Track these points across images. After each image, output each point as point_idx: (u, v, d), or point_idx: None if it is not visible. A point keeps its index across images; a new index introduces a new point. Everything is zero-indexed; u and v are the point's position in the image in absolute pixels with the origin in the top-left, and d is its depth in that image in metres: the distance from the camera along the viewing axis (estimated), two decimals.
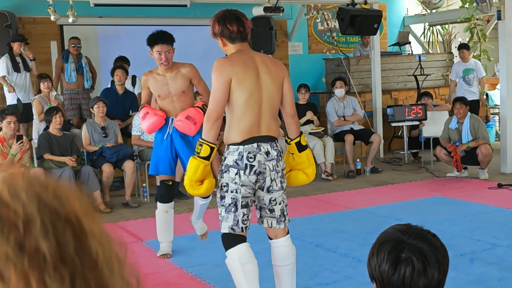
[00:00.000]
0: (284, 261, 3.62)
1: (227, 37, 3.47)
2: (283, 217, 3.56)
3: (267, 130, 3.44)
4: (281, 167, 3.52)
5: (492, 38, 11.21)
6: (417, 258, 1.61)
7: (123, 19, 9.61)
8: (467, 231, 5.53)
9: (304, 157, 3.66)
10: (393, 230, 1.71)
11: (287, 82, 3.56)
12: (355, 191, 7.77)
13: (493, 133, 11.04)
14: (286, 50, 10.96)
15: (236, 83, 3.36)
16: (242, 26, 3.49)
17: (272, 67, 3.50)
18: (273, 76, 3.46)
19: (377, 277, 1.66)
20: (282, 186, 3.53)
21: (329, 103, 9.20)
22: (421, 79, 10.25)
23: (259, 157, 3.41)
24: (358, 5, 9.18)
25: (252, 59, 3.45)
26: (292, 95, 3.59)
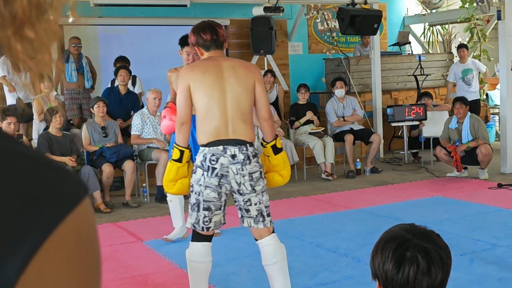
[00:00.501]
0: (272, 259, 3.65)
1: (202, 45, 3.64)
2: (261, 217, 3.59)
3: (235, 133, 3.50)
4: (249, 170, 3.51)
5: (492, 38, 11.21)
6: (422, 257, 1.61)
7: (123, 19, 9.61)
8: (467, 231, 5.53)
9: (280, 159, 3.72)
10: (398, 228, 1.70)
11: (259, 86, 3.58)
12: (355, 191, 7.78)
13: (493, 133, 11.04)
14: (286, 50, 10.96)
15: (194, 87, 3.51)
16: (215, 34, 3.62)
17: (241, 71, 3.57)
18: (240, 80, 3.53)
19: (380, 275, 1.65)
20: (254, 189, 3.54)
21: (329, 104, 9.20)
22: (421, 79, 10.26)
23: (222, 160, 3.47)
24: (358, 5, 9.18)
25: (217, 64, 3.56)
26: (265, 99, 3.60)
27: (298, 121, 8.96)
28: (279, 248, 3.65)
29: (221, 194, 3.53)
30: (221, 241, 5.36)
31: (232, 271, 3.87)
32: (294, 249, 5.22)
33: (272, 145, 3.68)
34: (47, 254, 0.55)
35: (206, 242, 3.62)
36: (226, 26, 10.25)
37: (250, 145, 3.54)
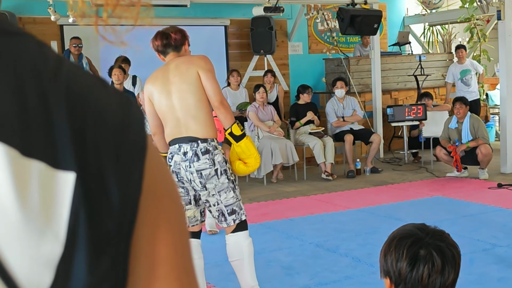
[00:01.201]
0: (230, 257, 3.74)
1: (157, 51, 3.77)
2: (223, 217, 3.62)
3: (187, 131, 3.56)
4: (196, 167, 3.53)
5: (492, 38, 11.21)
6: (436, 255, 1.61)
7: None
8: (467, 231, 5.53)
9: (243, 147, 3.71)
10: (411, 227, 1.70)
11: (203, 74, 3.57)
12: (355, 191, 7.78)
13: (493, 133, 11.04)
14: (286, 50, 10.95)
15: (151, 97, 3.66)
16: (165, 39, 3.71)
17: (183, 66, 3.61)
18: (183, 76, 3.58)
19: (393, 273, 1.64)
20: (205, 187, 3.56)
21: (329, 104, 9.20)
22: (421, 79, 10.26)
23: (176, 158, 3.57)
24: (358, 5, 9.18)
25: (165, 69, 3.67)
26: (212, 86, 3.58)
27: (298, 122, 8.96)
28: (237, 247, 3.68)
29: (185, 188, 3.60)
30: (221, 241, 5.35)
31: (232, 271, 3.87)
32: (294, 249, 5.22)
33: (229, 132, 3.69)
34: (149, 174, 0.57)
35: (192, 238, 3.64)
36: (226, 26, 10.25)
37: (202, 141, 3.55)
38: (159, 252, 0.56)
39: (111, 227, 0.52)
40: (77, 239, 0.50)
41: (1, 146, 0.48)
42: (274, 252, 5.13)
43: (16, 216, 0.47)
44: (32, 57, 0.55)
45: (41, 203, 0.48)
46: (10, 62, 0.52)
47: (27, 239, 0.48)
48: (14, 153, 0.48)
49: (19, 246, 0.47)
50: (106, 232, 0.52)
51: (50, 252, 0.48)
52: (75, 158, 0.51)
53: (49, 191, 0.49)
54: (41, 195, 0.48)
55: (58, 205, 0.49)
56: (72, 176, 0.50)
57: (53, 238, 0.49)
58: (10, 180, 0.47)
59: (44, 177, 0.49)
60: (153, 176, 0.58)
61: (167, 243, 0.57)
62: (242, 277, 3.75)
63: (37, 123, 0.50)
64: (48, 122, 0.51)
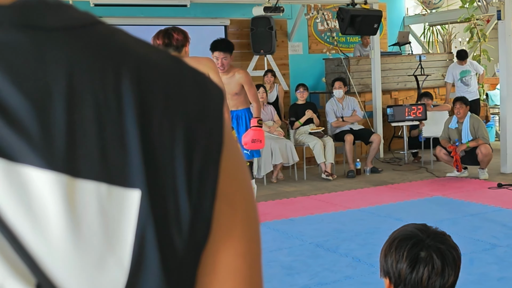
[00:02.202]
0: None
1: None
2: None
3: None
4: None
5: (492, 38, 11.21)
6: (436, 257, 1.61)
7: (123, 19, 9.60)
8: (467, 231, 5.53)
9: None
10: (412, 228, 1.69)
11: (214, 77, 3.60)
12: (355, 191, 7.77)
13: (493, 133, 11.04)
14: (286, 50, 10.95)
15: None
16: (167, 38, 3.72)
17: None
18: None
19: (392, 274, 1.64)
20: None
21: (328, 104, 9.21)
22: (421, 79, 10.26)
23: None
24: (358, 5, 9.18)
25: None
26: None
27: (298, 121, 8.96)
28: None
29: None
30: None
31: None
32: (294, 249, 5.22)
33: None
34: (225, 170, 0.50)
35: None
36: (226, 26, 10.25)
37: None
38: (226, 263, 0.50)
39: (181, 246, 0.46)
40: (144, 264, 0.44)
41: (50, 174, 0.42)
42: (274, 252, 5.13)
43: (69, 249, 0.42)
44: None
45: (100, 228, 0.43)
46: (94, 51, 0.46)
47: (84, 271, 0.42)
48: (64, 178, 0.42)
49: (76, 279, 0.42)
50: (176, 252, 0.46)
51: (114, 281, 0.43)
52: (141, 172, 0.45)
53: (110, 214, 0.43)
54: (100, 219, 0.43)
55: (121, 228, 0.44)
56: (137, 194, 0.44)
57: (116, 265, 0.43)
58: (60, 209, 0.42)
59: (102, 199, 0.43)
60: (229, 175, 0.51)
61: (237, 253, 0.50)
62: None
63: (108, 139, 0.45)
64: (119, 131, 0.45)
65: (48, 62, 0.44)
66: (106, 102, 0.45)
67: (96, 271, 0.43)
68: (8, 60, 0.43)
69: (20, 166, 0.42)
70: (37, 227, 0.42)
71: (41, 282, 0.42)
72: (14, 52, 0.43)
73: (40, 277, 0.42)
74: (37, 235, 0.42)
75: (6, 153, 0.42)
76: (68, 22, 0.46)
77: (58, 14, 0.46)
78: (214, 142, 0.49)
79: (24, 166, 0.42)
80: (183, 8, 9.06)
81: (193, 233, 0.47)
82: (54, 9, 0.46)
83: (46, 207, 0.42)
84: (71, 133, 0.43)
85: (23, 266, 0.42)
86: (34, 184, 0.42)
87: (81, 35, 0.46)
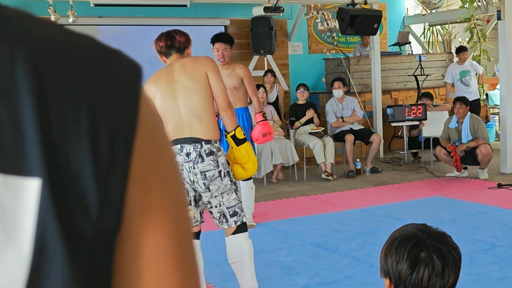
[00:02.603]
0: (231, 259, 3.74)
1: (160, 52, 3.74)
2: (224, 218, 3.61)
3: (191, 131, 3.52)
4: (201, 168, 3.50)
5: (492, 38, 11.21)
6: (437, 258, 1.61)
7: (123, 19, 9.61)
8: (467, 231, 5.53)
9: (243, 151, 3.70)
10: (412, 228, 1.69)
11: (212, 75, 3.56)
12: (355, 191, 7.78)
13: (493, 133, 11.04)
14: (286, 50, 10.95)
15: (153, 96, 3.58)
16: (170, 40, 3.70)
17: (189, 65, 3.59)
18: (189, 75, 3.55)
19: (392, 274, 1.64)
20: (208, 188, 3.54)
21: (328, 104, 9.21)
22: (421, 79, 10.26)
23: (178, 158, 3.50)
24: (358, 5, 9.18)
25: (169, 69, 3.63)
26: (220, 87, 3.57)
27: (298, 121, 8.96)
28: (237, 249, 3.68)
29: (185, 189, 3.57)
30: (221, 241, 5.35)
31: (232, 271, 3.87)
32: (294, 249, 5.22)
33: (232, 135, 3.68)
34: (141, 150, 0.48)
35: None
36: (226, 26, 10.25)
37: (206, 142, 3.52)
38: (152, 245, 0.48)
39: (90, 232, 0.44)
40: (47, 254, 0.42)
41: None
42: (274, 252, 5.13)
43: None
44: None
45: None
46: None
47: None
48: None
49: None
50: (84, 239, 0.44)
51: (13, 272, 0.42)
52: (40, 159, 0.43)
53: (5, 205, 0.41)
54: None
55: (18, 219, 0.42)
56: (37, 183, 0.42)
57: (15, 257, 0.41)
58: None
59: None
60: (146, 156, 0.48)
61: (162, 233, 0.49)
62: (243, 278, 3.75)
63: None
64: (13, 118, 0.43)
65: None
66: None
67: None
68: None
69: None
70: None
71: None
72: None
73: None
74: None
75: None
76: None
77: None
78: (125, 121, 0.47)
79: None
80: (183, 8, 9.06)
81: (103, 218, 0.45)
82: None
83: None
84: None
85: None
86: None
87: None
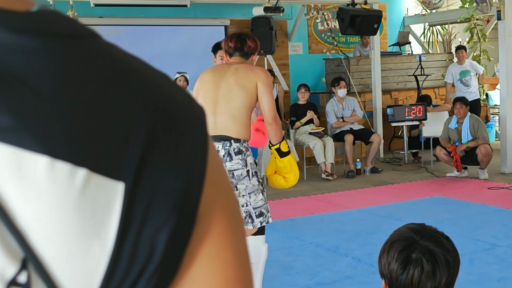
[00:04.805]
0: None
1: (227, 51, 3.78)
2: (250, 218, 3.63)
3: (222, 129, 3.52)
4: (229, 167, 3.51)
5: (492, 38, 11.21)
6: (427, 260, 1.61)
7: (123, 19, 9.61)
8: (467, 231, 5.53)
9: (286, 163, 3.75)
10: (407, 229, 1.70)
11: (261, 87, 3.57)
12: (355, 191, 7.78)
13: (493, 133, 11.04)
14: (286, 50, 10.95)
15: (200, 86, 3.64)
16: (240, 43, 3.74)
17: (242, 71, 3.62)
18: (238, 78, 3.58)
19: (386, 275, 1.66)
20: (236, 187, 3.55)
21: (328, 104, 9.21)
22: (421, 79, 10.26)
23: None
24: (358, 5, 9.18)
25: (227, 67, 3.67)
26: (267, 101, 3.58)
27: (299, 121, 8.96)
28: (256, 251, 3.68)
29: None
30: None
31: None
32: (294, 249, 5.22)
33: (276, 148, 3.70)
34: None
35: None
36: (226, 26, 10.26)
37: (235, 141, 3.53)
38: (220, 255, 0.51)
39: (164, 238, 0.48)
40: (123, 253, 0.46)
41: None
42: (274, 252, 5.13)
43: (58, 225, 0.45)
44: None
45: (89, 212, 0.46)
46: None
47: (70, 250, 0.45)
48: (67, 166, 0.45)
49: (63, 259, 0.45)
50: (158, 245, 0.48)
51: (96, 263, 0.46)
52: (132, 167, 0.47)
53: (98, 201, 0.46)
54: (91, 204, 0.46)
55: (107, 215, 0.46)
56: (121, 186, 0.47)
57: (99, 249, 0.46)
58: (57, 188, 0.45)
59: (91, 185, 0.46)
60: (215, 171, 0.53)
61: (228, 244, 0.52)
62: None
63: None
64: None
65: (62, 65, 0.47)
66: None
67: (81, 252, 0.45)
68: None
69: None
70: (26, 200, 0.44)
71: (28, 256, 0.44)
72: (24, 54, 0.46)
73: (27, 252, 0.44)
74: (27, 208, 0.44)
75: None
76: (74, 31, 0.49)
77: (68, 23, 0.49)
78: (200, 144, 0.52)
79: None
80: (183, 8, 9.06)
81: (182, 217, 0.49)
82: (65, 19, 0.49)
83: (39, 182, 0.44)
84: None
85: (11, 239, 0.44)
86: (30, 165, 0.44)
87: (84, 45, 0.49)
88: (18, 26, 0.46)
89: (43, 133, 0.45)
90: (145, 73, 0.51)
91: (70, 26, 0.49)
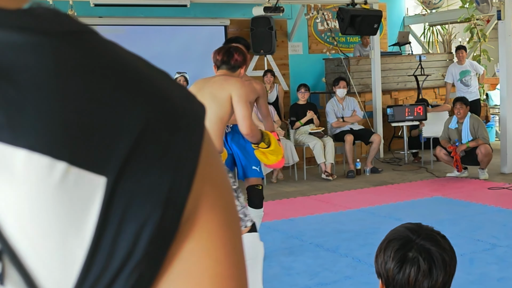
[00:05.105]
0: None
1: (214, 63, 3.89)
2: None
3: None
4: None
5: (492, 38, 11.21)
6: (423, 259, 1.61)
7: (123, 19, 9.61)
8: (467, 231, 5.53)
9: (268, 153, 3.95)
10: (403, 228, 1.70)
11: (235, 97, 3.68)
12: (355, 191, 7.78)
13: (493, 133, 11.04)
14: (286, 50, 10.95)
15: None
16: (226, 56, 3.82)
17: (219, 83, 3.73)
18: (214, 89, 3.71)
19: (382, 274, 1.66)
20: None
21: (329, 104, 9.21)
22: (421, 79, 10.26)
23: None
24: (358, 5, 9.18)
25: (210, 78, 3.79)
26: (240, 111, 3.66)
27: (299, 121, 8.96)
28: (253, 247, 3.70)
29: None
30: None
31: None
32: (294, 249, 5.22)
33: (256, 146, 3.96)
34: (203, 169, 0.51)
35: None
36: (226, 26, 10.26)
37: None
38: (212, 249, 0.51)
39: (148, 232, 0.48)
40: (102, 247, 0.46)
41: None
42: (274, 252, 5.13)
43: (35, 219, 0.45)
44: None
45: (68, 207, 0.45)
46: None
47: (48, 243, 0.45)
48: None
49: (39, 251, 0.45)
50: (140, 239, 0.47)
51: (73, 256, 0.46)
52: (116, 165, 0.47)
53: (77, 195, 0.46)
54: (69, 198, 0.45)
55: (86, 209, 0.46)
56: (103, 181, 0.46)
57: (77, 242, 0.45)
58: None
59: (70, 179, 0.45)
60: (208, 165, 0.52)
61: (221, 237, 0.52)
62: (254, 278, 3.73)
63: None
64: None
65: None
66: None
67: (57, 245, 0.45)
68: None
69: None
70: (2, 193, 0.44)
71: (3, 248, 0.44)
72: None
73: (2, 243, 0.44)
74: (2, 200, 0.44)
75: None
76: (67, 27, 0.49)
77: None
78: (194, 135, 0.52)
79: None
80: (183, 8, 9.06)
81: (169, 211, 0.49)
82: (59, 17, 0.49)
83: (17, 173, 0.44)
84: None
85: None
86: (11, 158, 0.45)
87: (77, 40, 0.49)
88: (6, 23, 0.46)
89: (23, 127, 0.45)
90: (141, 70, 0.51)
91: (63, 22, 0.49)
